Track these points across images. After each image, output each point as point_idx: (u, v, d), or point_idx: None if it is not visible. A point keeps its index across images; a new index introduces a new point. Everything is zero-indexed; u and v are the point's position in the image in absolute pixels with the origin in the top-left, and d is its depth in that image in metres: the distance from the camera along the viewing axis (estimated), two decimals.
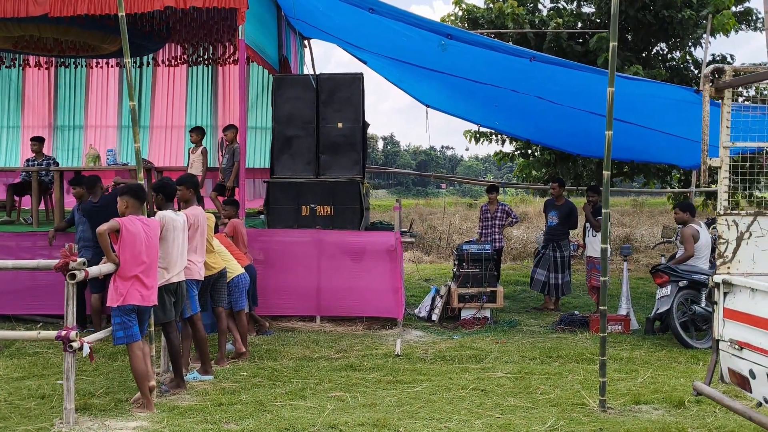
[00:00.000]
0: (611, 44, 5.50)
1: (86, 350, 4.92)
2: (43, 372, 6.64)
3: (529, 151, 17.04)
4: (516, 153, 17.51)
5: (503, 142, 17.08)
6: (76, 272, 4.88)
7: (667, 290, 7.86)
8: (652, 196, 35.82)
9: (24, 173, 10.46)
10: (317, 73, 10.18)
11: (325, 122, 9.32)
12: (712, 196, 16.38)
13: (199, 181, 6.63)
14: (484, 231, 11.06)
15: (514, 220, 11.21)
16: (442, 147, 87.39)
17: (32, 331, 5.12)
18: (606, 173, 5.50)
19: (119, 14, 5.82)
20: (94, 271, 5.13)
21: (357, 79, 9.42)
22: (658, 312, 8.00)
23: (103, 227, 5.25)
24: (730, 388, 4.95)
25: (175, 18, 10.54)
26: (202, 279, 6.59)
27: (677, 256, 8.41)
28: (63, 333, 4.86)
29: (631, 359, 7.21)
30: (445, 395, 5.95)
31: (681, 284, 7.84)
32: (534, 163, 16.79)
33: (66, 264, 4.85)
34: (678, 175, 17.27)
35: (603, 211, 5.52)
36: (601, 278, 5.49)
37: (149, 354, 5.73)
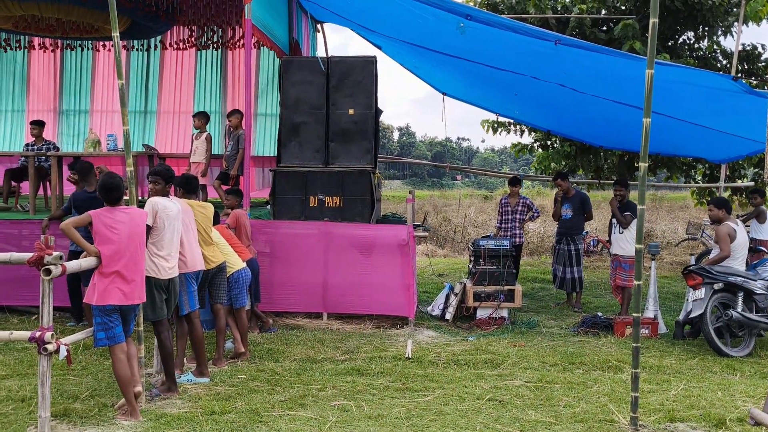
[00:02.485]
0: (651, 21, 4.93)
1: (63, 353, 4.46)
2: (27, 371, 6.21)
3: (548, 143, 16.46)
4: (535, 144, 16.93)
5: (522, 132, 16.53)
6: (52, 267, 4.41)
7: (700, 293, 7.27)
8: (671, 191, 35.01)
9: (22, 158, 10.07)
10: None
11: (335, 108, 8.79)
12: (738, 191, 15.72)
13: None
14: (503, 225, 10.49)
15: (535, 214, 10.63)
16: (458, 138, 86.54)
17: (5, 331, 4.68)
18: (643, 165, 4.95)
19: None
20: (73, 266, 4.66)
21: (370, 63, 8.86)
22: (690, 316, 7.42)
23: (67, 222, 4.78)
24: None
25: None
26: (201, 270, 6.13)
27: (711, 255, 7.82)
28: (37, 334, 4.39)
29: (661, 368, 6.66)
30: (458, 406, 5.43)
31: (716, 287, 7.25)
32: (553, 155, 16.19)
33: (40, 258, 4.38)
34: (702, 170, 16.63)
35: (639, 207, 4.97)
36: (635, 281, 4.93)
37: (136, 356, 5.27)
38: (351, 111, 8.72)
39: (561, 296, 10.41)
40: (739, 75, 14.12)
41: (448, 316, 8.73)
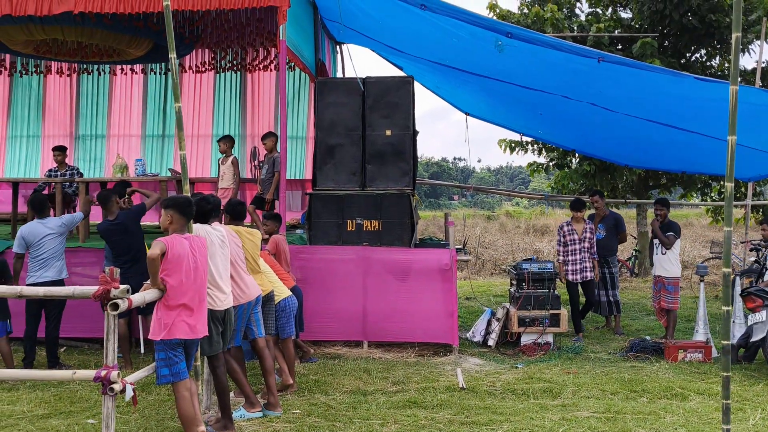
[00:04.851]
0: (734, 35, 4.72)
1: (129, 393, 4.18)
2: (70, 408, 5.90)
3: (564, 162, 16.29)
4: (551, 164, 16.77)
5: (539, 152, 16.39)
6: (119, 302, 4.14)
7: (761, 315, 7.05)
8: (673, 209, 34.84)
9: (41, 184, 9.82)
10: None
11: (371, 129, 8.58)
12: (757, 209, 15.53)
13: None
14: (569, 258, 9.09)
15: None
16: (454, 158, 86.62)
17: (66, 370, 4.41)
18: (729, 185, 4.71)
19: (164, 3, 5.15)
20: (138, 299, 4.40)
21: (406, 83, 8.69)
22: (752, 339, 7.18)
23: (155, 251, 4.50)
24: None
25: (208, 19, 9.88)
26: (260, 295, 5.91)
27: (767, 277, 7.60)
28: (103, 373, 4.12)
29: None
30: None
31: None
32: (572, 175, 16.04)
33: (106, 291, 4.12)
34: (718, 187, 16.49)
35: (725, 229, 4.73)
36: (723, 308, 4.68)
37: (196, 393, 4.98)
38: (388, 132, 8.52)
39: (597, 319, 10.16)
40: None
41: (490, 342, 8.46)
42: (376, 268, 8.19)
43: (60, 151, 9.87)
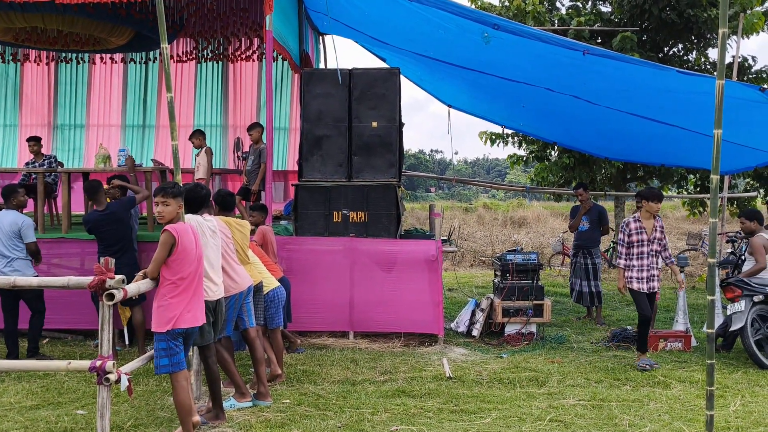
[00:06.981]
0: (720, 31, 4.83)
1: (124, 383, 4.18)
2: (58, 399, 5.87)
3: (544, 155, 16.44)
4: (531, 156, 16.91)
5: (519, 144, 16.52)
6: (115, 292, 4.13)
7: (740, 305, 7.21)
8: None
9: (23, 175, 9.70)
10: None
11: (358, 121, 8.60)
12: (733, 201, 15.82)
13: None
14: (634, 262, 7.29)
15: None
16: (431, 150, 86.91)
17: (61, 361, 4.39)
18: (715, 177, 4.84)
19: None
20: (133, 289, 4.39)
21: (393, 75, 8.72)
22: (731, 329, 7.35)
23: (151, 270, 4.51)
24: None
25: (192, 8, 9.80)
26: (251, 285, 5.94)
27: (746, 267, 7.78)
28: (98, 363, 4.11)
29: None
30: (522, 428, 5.25)
31: (756, 299, 7.20)
32: (551, 167, 16.20)
33: (102, 282, 4.10)
34: (694, 180, 16.76)
35: (711, 220, 4.85)
36: (708, 297, 4.81)
37: (191, 384, 4.99)
38: (374, 124, 8.54)
39: (579, 310, 10.31)
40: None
41: (475, 333, 8.56)
42: (362, 259, 8.23)
43: (35, 141, 9.72)
